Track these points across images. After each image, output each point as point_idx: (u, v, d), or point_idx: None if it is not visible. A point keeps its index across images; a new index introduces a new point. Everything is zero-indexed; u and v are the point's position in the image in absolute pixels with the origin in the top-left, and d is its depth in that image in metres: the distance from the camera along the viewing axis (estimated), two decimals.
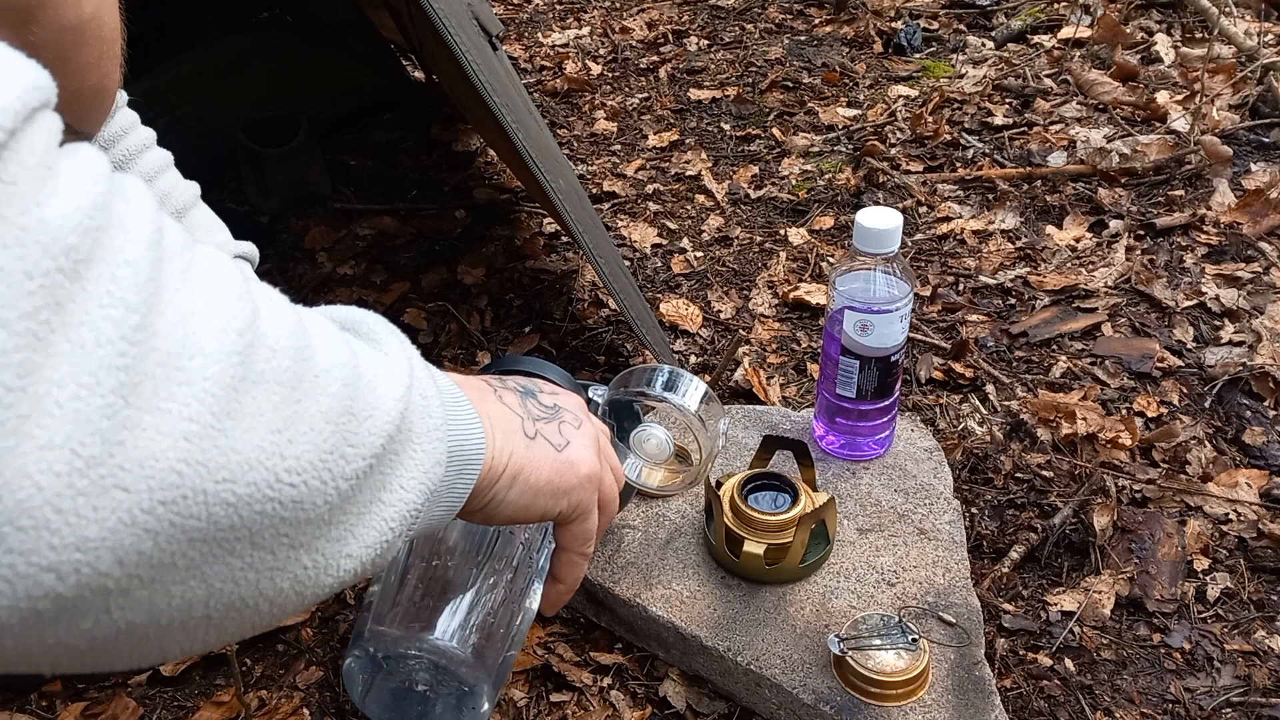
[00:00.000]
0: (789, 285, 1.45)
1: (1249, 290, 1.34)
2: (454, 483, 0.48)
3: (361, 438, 0.38)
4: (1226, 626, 0.94)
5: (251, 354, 0.34)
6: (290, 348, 0.36)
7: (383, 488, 0.41)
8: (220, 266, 0.35)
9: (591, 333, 1.38)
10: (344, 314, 0.48)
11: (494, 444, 0.51)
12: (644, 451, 0.87)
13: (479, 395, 0.53)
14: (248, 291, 0.36)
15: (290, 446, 0.35)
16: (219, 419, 0.32)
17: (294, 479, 0.35)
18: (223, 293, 0.34)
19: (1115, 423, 1.13)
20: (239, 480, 0.33)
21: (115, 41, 0.43)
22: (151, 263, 0.31)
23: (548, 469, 0.54)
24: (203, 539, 0.32)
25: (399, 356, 0.44)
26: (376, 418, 0.39)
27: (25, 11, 0.37)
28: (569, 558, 0.60)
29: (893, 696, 0.81)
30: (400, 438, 0.41)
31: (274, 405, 0.35)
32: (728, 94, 2.05)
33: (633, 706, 0.90)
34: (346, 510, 0.38)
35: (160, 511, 0.31)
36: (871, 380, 0.99)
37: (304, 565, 0.37)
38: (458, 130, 1.97)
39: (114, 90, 0.44)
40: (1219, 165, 1.58)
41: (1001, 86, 1.93)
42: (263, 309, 0.36)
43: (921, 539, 0.96)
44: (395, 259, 1.60)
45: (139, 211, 0.32)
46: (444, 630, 0.61)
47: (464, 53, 1.05)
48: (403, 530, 0.42)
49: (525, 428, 0.54)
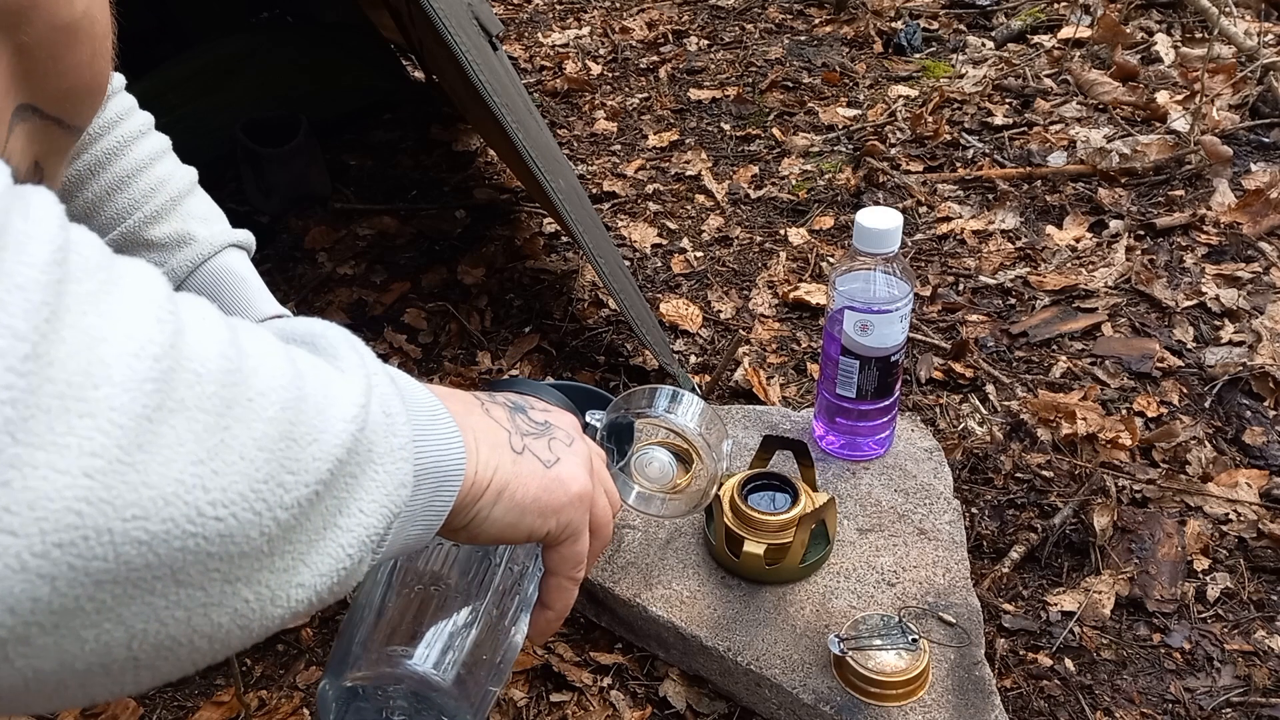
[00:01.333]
0: (789, 285, 1.45)
1: (1249, 290, 1.34)
2: (430, 500, 0.45)
3: (304, 464, 0.36)
4: (1226, 626, 0.94)
5: (170, 380, 0.32)
6: (218, 371, 0.34)
7: (338, 512, 0.39)
8: (140, 286, 0.33)
9: (591, 333, 1.38)
10: (303, 328, 0.45)
11: (477, 458, 0.49)
12: (646, 475, 0.86)
13: (464, 408, 0.51)
14: (171, 312, 0.33)
15: (215, 478, 0.33)
16: (128, 452, 0.30)
17: (219, 512, 0.33)
18: (140, 315, 0.32)
19: (1115, 423, 1.13)
20: (152, 517, 0.31)
21: (107, 38, 0.42)
22: (47, 285, 0.29)
23: (535, 485, 0.51)
24: (113, 580, 0.30)
25: (356, 374, 0.41)
26: (323, 441, 0.37)
27: (17, 13, 0.37)
28: (558, 582, 0.57)
29: (893, 696, 0.81)
30: (356, 459, 0.39)
31: (196, 435, 0.32)
32: (728, 94, 2.05)
33: (633, 706, 0.90)
34: (292, 540, 0.36)
35: (56, 555, 0.28)
36: (871, 380, 0.99)
37: (245, 599, 0.35)
38: (458, 130, 1.97)
39: (105, 87, 0.44)
40: (1219, 165, 1.58)
41: (1001, 86, 1.93)
42: (188, 330, 0.34)
43: (921, 539, 0.96)
44: (395, 259, 1.60)
45: (39, 229, 0.30)
46: (425, 657, 0.58)
47: (464, 53, 1.05)
48: (364, 555, 0.40)
49: (513, 442, 0.52)
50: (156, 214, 0.79)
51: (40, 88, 0.39)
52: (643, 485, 0.82)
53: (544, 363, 1.34)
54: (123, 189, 0.78)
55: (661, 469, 0.88)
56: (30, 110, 0.40)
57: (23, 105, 0.39)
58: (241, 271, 0.83)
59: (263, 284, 0.85)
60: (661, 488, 0.82)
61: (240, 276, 0.82)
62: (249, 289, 0.83)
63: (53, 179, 0.45)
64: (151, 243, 0.79)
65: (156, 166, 0.80)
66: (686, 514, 0.94)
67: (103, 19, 0.42)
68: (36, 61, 0.38)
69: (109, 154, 0.77)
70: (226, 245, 0.82)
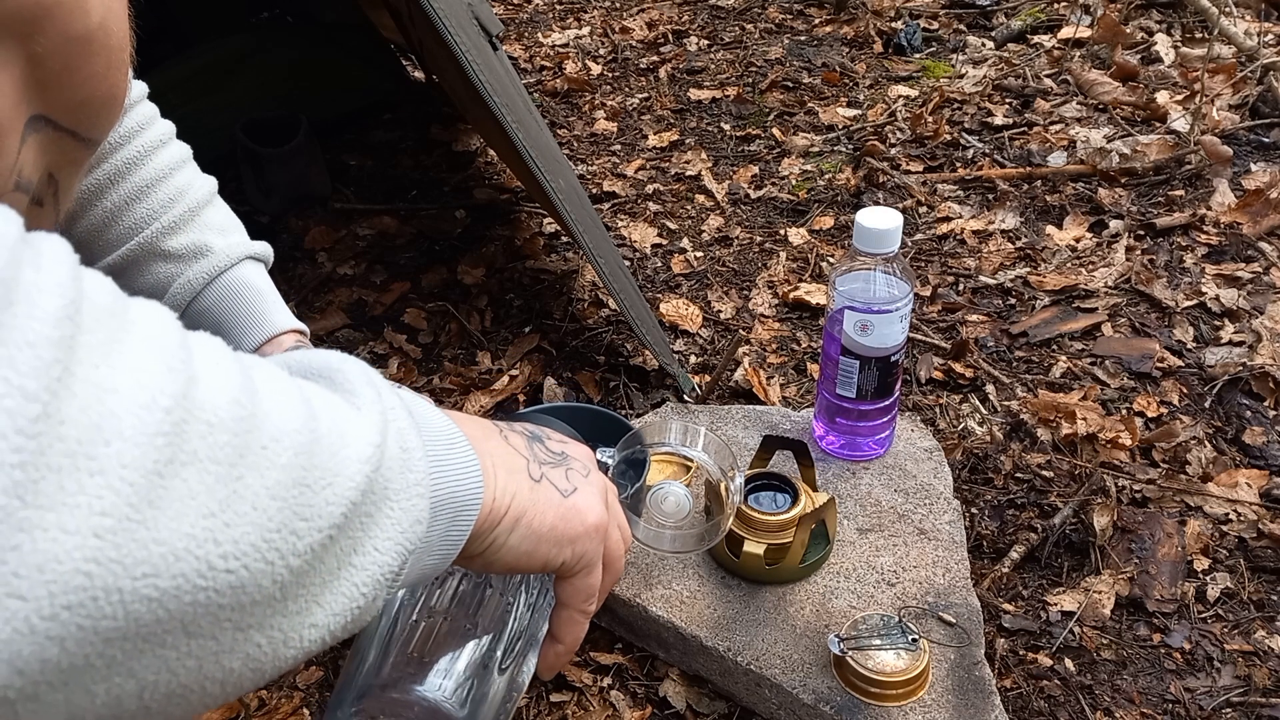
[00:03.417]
0: (789, 285, 1.45)
1: (1249, 290, 1.34)
2: (447, 530, 0.45)
3: (317, 509, 0.36)
4: (1226, 626, 0.94)
5: (182, 432, 0.31)
6: (231, 419, 0.33)
7: (353, 551, 0.38)
8: (153, 333, 0.33)
9: (591, 333, 1.38)
10: (319, 361, 0.44)
11: (495, 485, 0.48)
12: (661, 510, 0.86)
13: (483, 434, 0.51)
14: (183, 360, 0.33)
15: (226, 530, 0.32)
16: (138, 509, 0.30)
17: (231, 564, 0.32)
18: (152, 364, 0.31)
19: (1115, 423, 1.13)
20: (162, 574, 0.30)
21: (124, 50, 0.42)
22: (59, 341, 0.29)
23: (552, 514, 0.51)
24: (122, 637, 0.30)
25: (372, 410, 0.41)
26: (337, 485, 0.37)
27: (30, 22, 0.36)
28: (569, 615, 0.56)
29: (893, 696, 0.81)
30: (371, 499, 0.39)
31: (208, 486, 0.32)
32: (728, 94, 2.05)
33: (633, 706, 0.90)
34: (305, 583, 0.36)
35: (65, 616, 0.28)
36: (871, 380, 0.99)
37: (257, 644, 0.35)
38: (458, 130, 1.97)
39: (122, 98, 0.43)
40: (1219, 165, 1.58)
41: (1001, 86, 1.93)
42: (201, 377, 0.33)
43: (921, 539, 0.96)
44: (395, 259, 1.60)
45: (50, 281, 0.29)
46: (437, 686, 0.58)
47: (464, 53, 1.05)
48: (378, 593, 0.40)
49: (530, 470, 0.51)
50: (174, 225, 0.79)
51: (54, 99, 0.39)
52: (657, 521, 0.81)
53: (544, 363, 1.34)
54: (141, 199, 0.78)
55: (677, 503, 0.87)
56: (44, 121, 0.39)
57: (36, 116, 0.39)
58: (258, 284, 0.82)
59: (279, 297, 0.84)
60: (677, 523, 0.81)
61: (257, 289, 0.82)
62: (265, 302, 0.82)
63: (67, 191, 0.45)
64: (168, 254, 0.79)
65: (176, 176, 0.80)
66: (697, 550, 0.94)
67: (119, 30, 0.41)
68: (50, 72, 0.38)
69: (129, 164, 0.77)
70: (244, 257, 0.82)
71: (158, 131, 0.80)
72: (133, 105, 0.79)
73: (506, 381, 1.31)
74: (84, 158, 0.44)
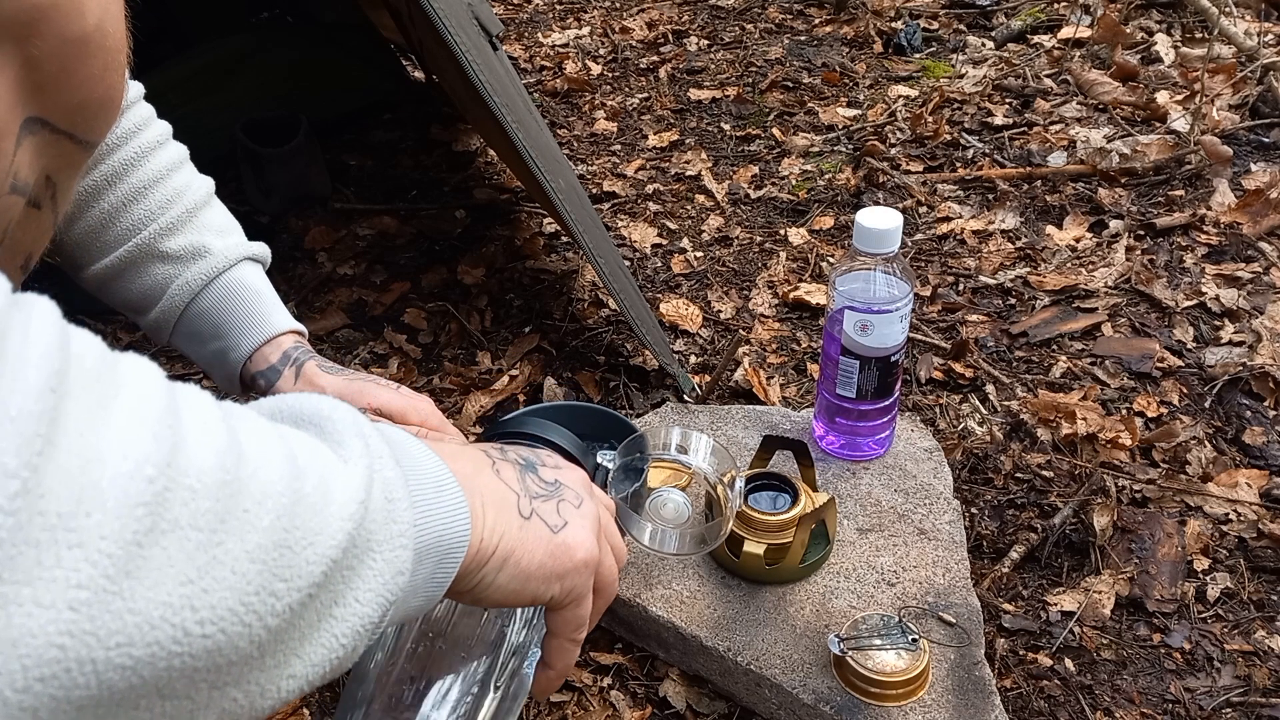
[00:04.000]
0: (789, 285, 1.45)
1: (1249, 290, 1.34)
2: (431, 574, 0.45)
3: (297, 569, 0.36)
4: (1226, 626, 0.94)
5: (164, 500, 0.31)
6: (215, 485, 0.33)
7: (333, 604, 0.38)
8: (140, 394, 0.33)
9: (591, 333, 1.38)
10: (310, 408, 0.44)
11: (483, 525, 0.48)
12: (660, 517, 0.85)
13: (474, 468, 0.51)
14: (169, 425, 0.33)
15: (204, 596, 0.32)
16: (114, 580, 0.30)
17: (208, 629, 0.32)
18: (139, 430, 0.31)
19: (1115, 423, 1.13)
20: (137, 642, 0.30)
21: (120, 52, 0.41)
22: (40, 414, 0.28)
23: (541, 552, 0.51)
24: (96, 704, 0.30)
25: (358, 462, 0.41)
26: (318, 544, 0.37)
27: (26, 25, 0.36)
28: (560, 644, 0.57)
29: (893, 696, 0.81)
30: (354, 553, 0.39)
31: (187, 554, 0.32)
32: (728, 94, 2.05)
33: (633, 706, 0.90)
34: (283, 640, 0.36)
35: (38, 689, 0.28)
36: (871, 380, 0.99)
37: (234, 698, 0.35)
38: (458, 130, 1.97)
39: (119, 100, 0.43)
40: (1219, 165, 1.58)
41: (1001, 86, 1.93)
42: (188, 439, 0.33)
43: (921, 539, 0.96)
44: (395, 259, 1.60)
45: (35, 351, 0.29)
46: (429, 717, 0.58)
47: (464, 53, 1.05)
48: (358, 643, 0.40)
49: (520, 506, 0.51)
50: (172, 226, 0.79)
51: (51, 101, 0.39)
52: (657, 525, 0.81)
53: (544, 363, 1.34)
54: (139, 200, 0.78)
55: (676, 509, 0.87)
56: (40, 123, 0.39)
57: (32, 118, 0.39)
58: (256, 285, 0.82)
59: (277, 298, 0.84)
60: (676, 527, 0.81)
61: (255, 290, 0.82)
62: (263, 303, 0.82)
63: (65, 193, 0.44)
64: (167, 255, 0.79)
65: (174, 177, 0.80)
66: (698, 553, 0.94)
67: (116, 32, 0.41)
68: (46, 74, 0.38)
69: (126, 165, 0.77)
70: (241, 258, 0.82)
71: (155, 132, 0.80)
72: (129, 106, 0.79)
73: (506, 381, 1.31)
74: (81, 160, 0.44)
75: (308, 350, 0.83)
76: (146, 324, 0.82)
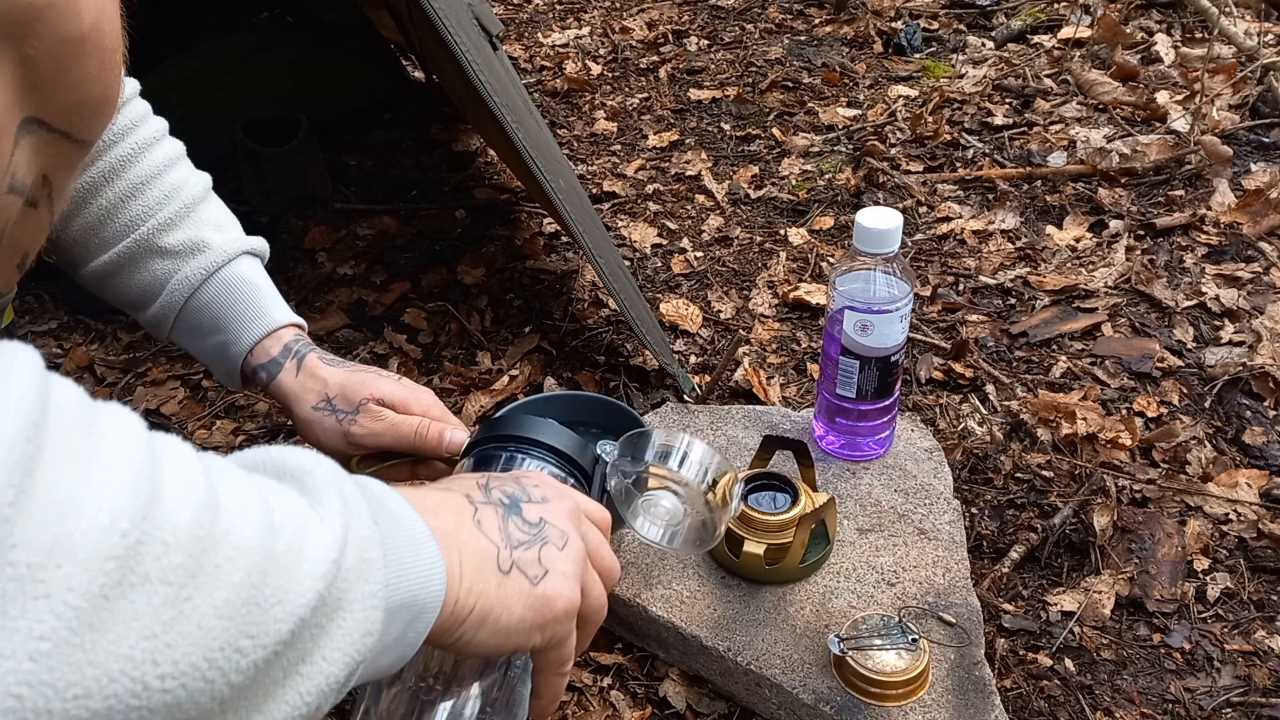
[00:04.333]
0: (789, 285, 1.45)
1: (1249, 290, 1.34)
2: (403, 633, 0.45)
3: (265, 626, 0.36)
4: (1226, 626, 0.94)
5: (136, 553, 0.31)
6: (188, 539, 0.33)
7: (300, 661, 0.38)
8: (120, 444, 0.33)
9: (591, 333, 1.38)
10: (294, 463, 0.44)
11: (460, 586, 0.48)
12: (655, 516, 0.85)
13: (454, 522, 0.50)
14: (149, 477, 0.33)
15: (167, 651, 0.32)
16: (77, 633, 0.30)
17: (169, 684, 0.32)
18: (116, 481, 0.32)
19: (1115, 423, 1.13)
20: (94, 695, 0.30)
21: (117, 51, 0.41)
22: (14, 465, 0.29)
23: (520, 607, 0.51)
24: None
25: (335, 521, 0.41)
26: (287, 603, 0.37)
27: (22, 24, 0.36)
28: (546, 678, 0.57)
29: (893, 696, 0.81)
30: (324, 612, 0.39)
31: (154, 608, 0.32)
32: (728, 94, 2.05)
33: (633, 706, 0.90)
34: (247, 696, 0.36)
35: None
36: (871, 380, 0.99)
37: None
38: (458, 130, 1.97)
39: (116, 100, 0.43)
40: (1219, 165, 1.58)
41: (1001, 86, 1.93)
42: (166, 491, 0.33)
43: (921, 539, 0.96)
44: (395, 259, 1.60)
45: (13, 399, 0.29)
46: None
47: (464, 53, 1.05)
48: (323, 702, 0.40)
49: (500, 559, 0.51)
50: (170, 221, 0.79)
51: (47, 101, 0.39)
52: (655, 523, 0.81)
53: (544, 363, 1.34)
54: (136, 196, 0.78)
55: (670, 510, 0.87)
56: (37, 123, 0.39)
57: (29, 118, 0.39)
58: (255, 279, 0.82)
59: (276, 292, 0.84)
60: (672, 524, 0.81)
61: (254, 284, 0.82)
62: (263, 296, 0.82)
63: (61, 192, 0.44)
64: (165, 250, 0.79)
65: (170, 173, 0.80)
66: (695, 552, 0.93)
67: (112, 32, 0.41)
68: (43, 74, 0.38)
69: (123, 161, 0.77)
70: (240, 253, 0.82)
71: (151, 129, 0.80)
72: (125, 103, 0.79)
73: (506, 381, 1.31)
74: (78, 160, 0.44)
75: (308, 343, 0.83)
76: (146, 320, 0.82)
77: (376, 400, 0.80)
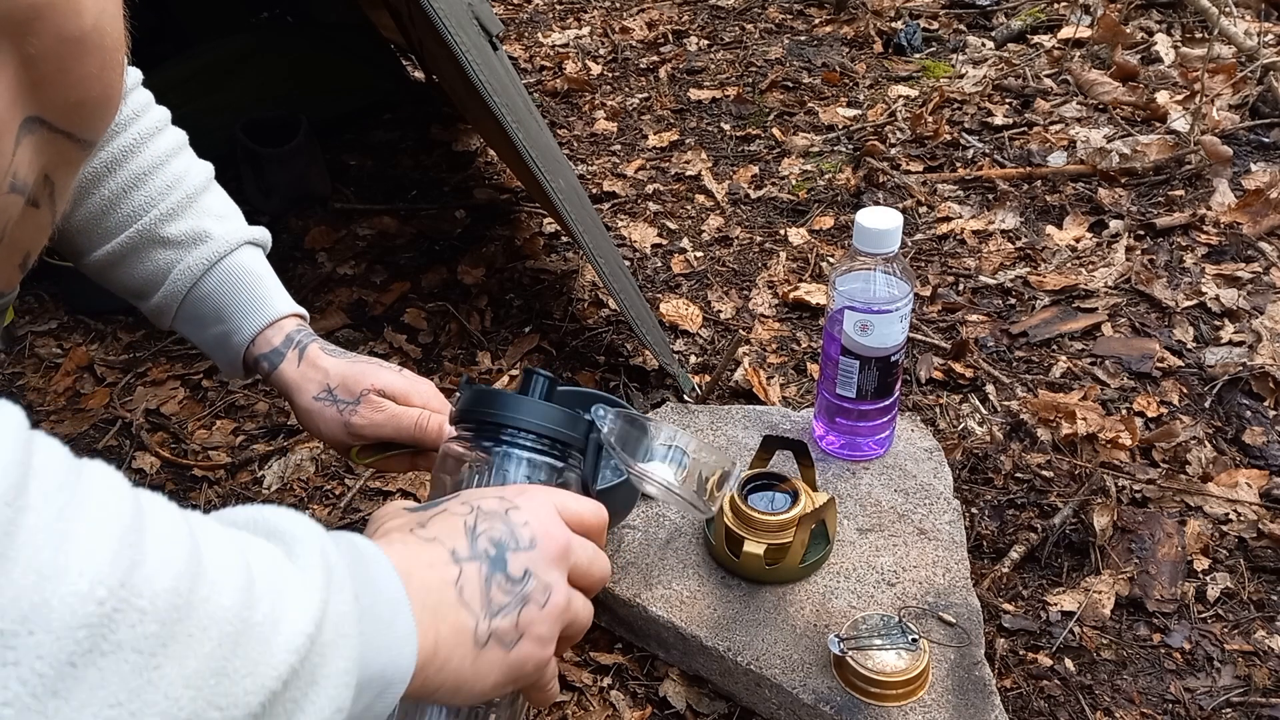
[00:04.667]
0: (789, 285, 1.45)
1: (1249, 290, 1.34)
2: (370, 704, 0.44)
3: (234, 698, 0.35)
4: (1226, 626, 0.94)
5: (111, 621, 0.31)
6: (165, 607, 0.33)
7: None
8: (104, 507, 0.33)
9: (591, 333, 1.38)
10: (284, 526, 0.43)
11: (434, 661, 0.47)
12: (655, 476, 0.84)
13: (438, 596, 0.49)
14: (132, 541, 0.33)
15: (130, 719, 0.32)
16: (41, 700, 0.29)
17: None
18: (97, 547, 0.31)
19: (1115, 423, 1.13)
20: None
21: (118, 50, 0.41)
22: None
23: (494, 676, 0.50)
24: None
25: (315, 594, 0.40)
26: (258, 674, 0.36)
27: (23, 24, 0.36)
28: (530, 693, 0.58)
29: (893, 696, 0.81)
30: (297, 684, 0.38)
31: (122, 676, 0.31)
32: (728, 94, 2.05)
33: (633, 706, 0.90)
34: None
35: None
36: (871, 380, 0.99)
37: None
38: (458, 130, 1.97)
39: (117, 99, 0.43)
40: (1219, 165, 1.58)
41: (1001, 86, 1.93)
42: (148, 557, 0.33)
43: (921, 539, 0.96)
44: (395, 259, 1.60)
45: None
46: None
47: (464, 53, 1.05)
48: None
49: (478, 631, 0.50)
50: (172, 211, 0.79)
51: (49, 100, 0.39)
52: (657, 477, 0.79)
53: (544, 363, 1.34)
54: (139, 186, 0.78)
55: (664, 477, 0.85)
56: (38, 123, 0.39)
57: (31, 118, 0.39)
58: (257, 269, 0.82)
59: (278, 281, 0.84)
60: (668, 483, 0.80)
61: (256, 274, 0.82)
62: (264, 286, 0.82)
63: (63, 191, 0.44)
64: (167, 240, 0.79)
65: (173, 163, 0.80)
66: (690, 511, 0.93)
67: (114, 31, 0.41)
68: (44, 74, 0.38)
69: (125, 151, 0.77)
70: (242, 242, 0.82)
71: (153, 118, 0.80)
72: (128, 92, 0.79)
73: (506, 381, 1.31)
74: (80, 159, 0.44)
75: (310, 333, 0.83)
76: (148, 310, 0.82)
77: (377, 391, 0.80)
